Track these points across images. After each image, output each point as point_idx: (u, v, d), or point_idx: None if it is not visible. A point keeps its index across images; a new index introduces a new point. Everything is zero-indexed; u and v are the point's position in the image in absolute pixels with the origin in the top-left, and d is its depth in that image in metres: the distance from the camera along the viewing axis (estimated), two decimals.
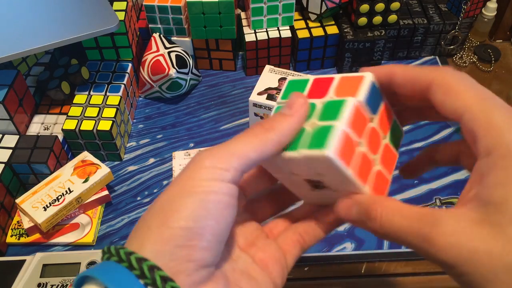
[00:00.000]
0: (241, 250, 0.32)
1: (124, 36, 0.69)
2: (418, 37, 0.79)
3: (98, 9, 0.63)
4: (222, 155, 0.26)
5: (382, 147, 0.31)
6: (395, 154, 0.32)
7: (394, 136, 0.32)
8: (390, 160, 0.32)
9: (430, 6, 0.80)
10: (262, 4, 0.73)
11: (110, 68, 0.71)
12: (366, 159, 0.29)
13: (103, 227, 0.61)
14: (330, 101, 0.30)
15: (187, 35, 0.77)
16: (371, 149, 0.30)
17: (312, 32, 0.76)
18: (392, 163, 0.32)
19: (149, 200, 0.64)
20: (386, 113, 0.31)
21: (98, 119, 0.64)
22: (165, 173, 0.66)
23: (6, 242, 0.59)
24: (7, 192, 0.59)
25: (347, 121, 0.28)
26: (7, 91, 0.60)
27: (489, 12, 0.81)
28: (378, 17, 0.74)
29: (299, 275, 0.57)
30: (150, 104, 0.76)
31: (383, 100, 0.31)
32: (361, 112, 0.29)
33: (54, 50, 0.74)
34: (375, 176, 0.30)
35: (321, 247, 0.58)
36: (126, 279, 0.24)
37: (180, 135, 0.71)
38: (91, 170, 0.61)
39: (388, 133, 0.32)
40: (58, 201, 0.57)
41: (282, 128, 0.28)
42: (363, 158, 0.29)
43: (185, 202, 0.25)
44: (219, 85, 0.79)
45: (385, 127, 0.31)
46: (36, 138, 0.61)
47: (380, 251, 0.57)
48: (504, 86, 0.79)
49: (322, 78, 0.32)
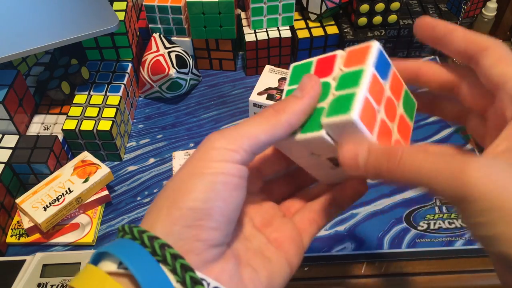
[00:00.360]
0: (257, 230, 0.32)
1: (124, 36, 0.69)
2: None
3: (98, 9, 0.63)
4: (232, 136, 0.27)
5: (398, 117, 0.31)
6: (410, 124, 0.32)
7: (407, 107, 0.32)
8: (406, 130, 0.31)
9: (430, 6, 0.80)
10: (262, 4, 0.73)
11: (110, 68, 0.71)
12: (386, 127, 0.29)
13: (103, 227, 0.61)
14: (346, 73, 0.29)
15: (187, 35, 0.77)
16: (389, 117, 0.30)
17: (312, 32, 0.76)
18: (407, 133, 0.31)
19: (149, 200, 0.64)
20: (396, 81, 0.31)
21: (98, 119, 0.64)
22: (165, 173, 0.66)
23: (6, 242, 0.59)
24: (7, 192, 0.59)
25: (367, 87, 0.28)
26: (7, 91, 0.60)
27: (489, 12, 0.81)
28: (378, 17, 0.74)
29: (299, 275, 0.57)
30: (150, 104, 0.76)
31: (391, 68, 0.31)
32: (378, 80, 0.29)
33: (54, 50, 0.74)
34: (394, 145, 0.30)
35: (321, 247, 0.58)
36: (139, 255, 0.25)
37: (180, 135, 0.71)
38: (91, 170, 0.61)
39: (401, 102, 0.31)
40: (58, 201, 0.57)
41: (293, 110, 0.28)
42: (384, 126, 0.29)
43: (194, 183, 0.25)
44: (219, 85, 0.79)
45: (398, 96, 0.31)
46: (36, 138, 0.61)
47: (380, 251, 0.57)
48: None
49: (325, 57, 0.31)
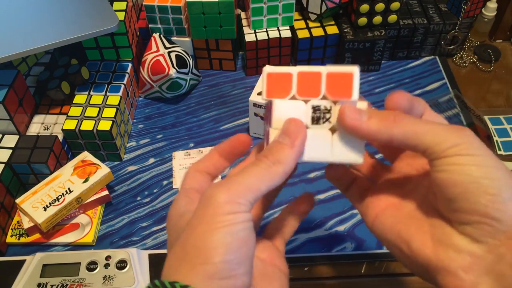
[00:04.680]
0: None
1: (124, 36, 0.69)
2: (418, 37, 0.79)
3: (98, 9, 0.63)
4: (237, 189, 0.28)
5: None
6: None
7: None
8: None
9: (430, 6, 0.80)
10: (262, 4, 0.73)
11: (110, 68, 0.71)
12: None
13: (103, 227, 0.61)
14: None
15: (187, 35, 0.77)
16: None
17: (312, 32, 0.76)
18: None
19: (149, 200, 0.64)
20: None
21: (98, 119, 0.64)
22: (165, 173, 0.66)
23: (6, 242, 0.59)
24: (7, 192, 0.59)
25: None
26: (7, 91, 0.60)
27: (489, 12, 0.81)
28: (378, 17, 0.74)
29: (299, 275, 0.57)
30: (150, 104, 0.76)
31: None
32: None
33: (54, 50, 0.74)
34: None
35: (321, 247, 0.58)
36: None
37: (180, 135, 0.71)
38: (91, 170, 0.61)
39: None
40: (58, 201, 0.57)
41: (288, 161, 0.30)
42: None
43: (218, 238, 0.27)
44: (219, 85, 0.79)
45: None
46: (36, 138, 0.61)
47: (380, 251, 0.57)
48: (504, 86, 0.79)
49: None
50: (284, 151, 0.30)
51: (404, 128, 0.29)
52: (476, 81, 0.80)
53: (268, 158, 0.30)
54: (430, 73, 0.80)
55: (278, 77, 0.32)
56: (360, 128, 0.30)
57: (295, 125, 0.31)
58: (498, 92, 0.78)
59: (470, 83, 0.79)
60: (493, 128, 0.69)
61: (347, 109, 0.31)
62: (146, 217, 0.62)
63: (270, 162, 0.30)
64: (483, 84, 0.79)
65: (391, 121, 0.30)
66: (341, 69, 0.31)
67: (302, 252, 0.57)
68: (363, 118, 0.30)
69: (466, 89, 0.78)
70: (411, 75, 0.80)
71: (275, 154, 0.30)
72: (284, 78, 0.32)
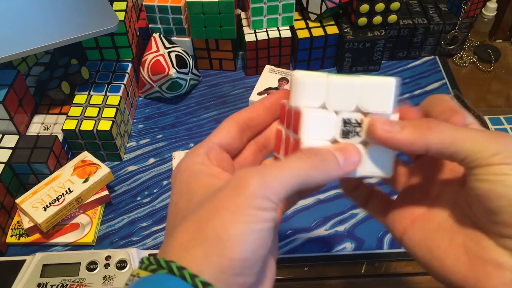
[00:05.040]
0: None
1: (124, 36, 0.69)
2: (418, 37, 0.79)
3: (98, 9, 0.63)
4: (275, 185, 0.27)
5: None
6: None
7: None
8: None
9: (430, 6, 0.80)
10: (262, 4, 0.73)
11: (110, 68, 0.71)
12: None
13: (103, 227, 0.61)
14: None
15: (187, 35, 0.77)
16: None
17: (312, 32, 0.76)
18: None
19: (149, 200, 0.64)
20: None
21: (98, 119, 0.64)
22: (165, 173, 0.66)
23: (6, 242, 0.59)
24: (7, 192, 0.59)
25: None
26: (7, 91, 0.60)
27: (489, 12, 0.81)
28: (378, 17, 0.74)
29: (299, 275, 0.57)
30: (150, 104, 0.76)
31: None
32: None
33: (54, 50, 0.74)
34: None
35: (321, 247, 0.58)
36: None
37: (180, 135, 0.71)
38: (91, 170, 0.61)
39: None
40: (58, 201, 0.57)
41: (331, 176, 0.29)
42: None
43: (242, 233, 0.26)
44: (219, 85, 0.79)
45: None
46: (36, 138, 0.61)
47: (380, 251, 0.57)
48: (504, 86, 0.79)
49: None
50: (331, 164, 0.29)
51: (440, 136, 0.27)
52: (476, 81, 0.80)
53: (311, 157, 0.28)
54: (430, 73, 0.80)
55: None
56: (394, 139, 0.28)
57: (355, 153, 0.30)
58: (498, 92, 0.78)
59: (470, 83, 0.79)
60: (493, 128, 0.69)
61: (378, 121, 0.29)
62: (146, 217, 0.62)
63: (314, 163, 0.28)
64: (483, 84, 0.79)
65: (425, 128, 0.28)
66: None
67: (302, 252, 0.57)
68: (396, 129, 0.29)
69: (466, 89, 0.78)
70: (411, 75, 0.80)
71: (324, 161, 0.29)
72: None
